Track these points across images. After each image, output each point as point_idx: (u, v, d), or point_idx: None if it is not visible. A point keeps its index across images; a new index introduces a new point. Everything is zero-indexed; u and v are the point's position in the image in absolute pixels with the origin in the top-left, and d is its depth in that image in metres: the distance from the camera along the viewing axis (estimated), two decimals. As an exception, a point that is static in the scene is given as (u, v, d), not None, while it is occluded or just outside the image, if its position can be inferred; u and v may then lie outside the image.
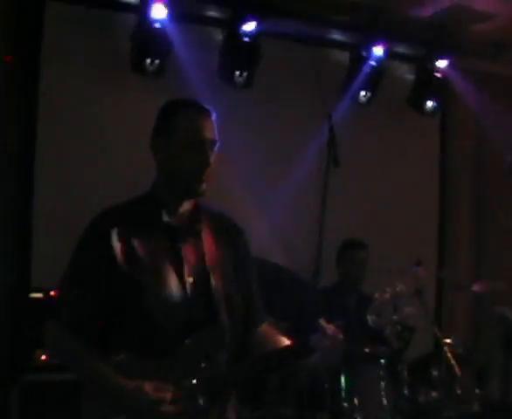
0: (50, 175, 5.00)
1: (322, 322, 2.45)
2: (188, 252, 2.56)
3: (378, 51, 5.94)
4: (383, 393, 4.25)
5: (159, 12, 5.03)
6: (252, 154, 5.56)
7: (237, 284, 2.64)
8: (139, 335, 2.44)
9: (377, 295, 4.45)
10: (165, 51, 5.14)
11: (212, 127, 2.58)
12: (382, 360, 4.29)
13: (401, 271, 4.70)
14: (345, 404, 4.11)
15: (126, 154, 5.20)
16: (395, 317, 4.45)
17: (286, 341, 2.64)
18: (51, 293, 4.46)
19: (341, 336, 2.43)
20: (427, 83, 6.28)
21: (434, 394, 4.45)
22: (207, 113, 2.58)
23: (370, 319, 3.60)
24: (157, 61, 5.13)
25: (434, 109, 6.32)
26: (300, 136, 5.75)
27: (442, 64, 6.20)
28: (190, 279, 2.52)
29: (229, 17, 5.50)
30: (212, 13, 5.58)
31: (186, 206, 2.60)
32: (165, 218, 2.55)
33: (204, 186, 2.54)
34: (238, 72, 5.44)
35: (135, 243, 2.49)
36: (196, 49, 5.35)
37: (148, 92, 5.24)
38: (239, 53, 5.44)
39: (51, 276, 4.61)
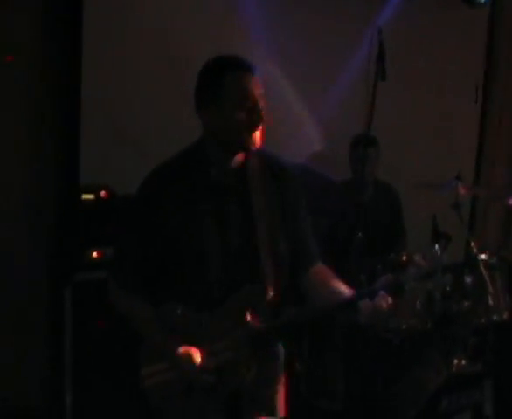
0: (97, 66, 4.82)
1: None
2: (234, 210, 2.68)
3: None
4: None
5: None
6: (297, 55, 5.49)
7: (285, 230, 2.74)
8: (188, 291, 2.65)
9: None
10: None
11: (259, 83, 2.61)
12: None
13: (440, 185, 4.76)
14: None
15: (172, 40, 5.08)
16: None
17: (340, 286, 2.74)
18: (102, 194, 4.61)
19: (392, 311, 2.56)
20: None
21: (466, 303, 4.61)
22: (252, 70, 2.61)
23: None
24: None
25: (484, 1, 6.16)
26: (346, 35, 5.64)
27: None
28: (235, 237, 2.66)
29: None
30: None
31: (235, 162, 2.68)
32: (213, 176, 2.65)
33: (255, 140, 2.61)
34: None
35: (184, 202, 2.63)
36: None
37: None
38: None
39: (100, 174, 4.76)
